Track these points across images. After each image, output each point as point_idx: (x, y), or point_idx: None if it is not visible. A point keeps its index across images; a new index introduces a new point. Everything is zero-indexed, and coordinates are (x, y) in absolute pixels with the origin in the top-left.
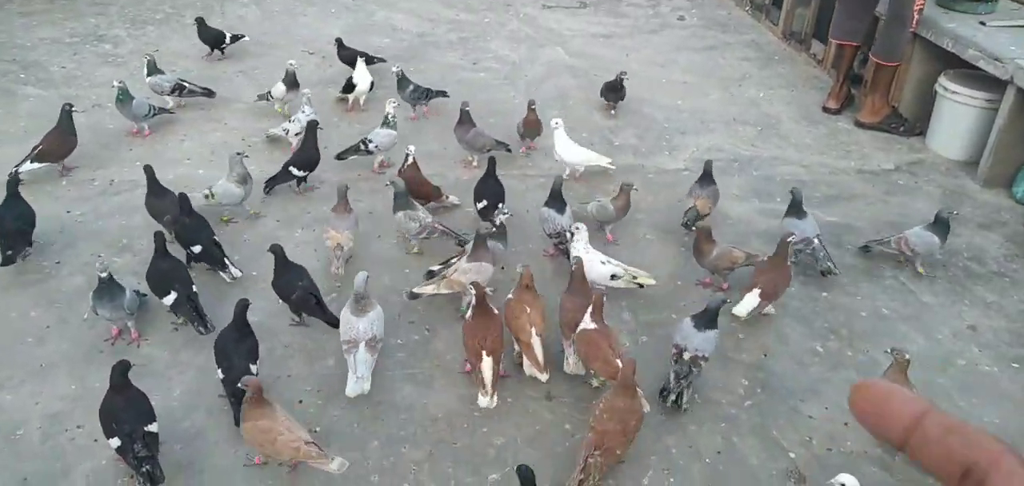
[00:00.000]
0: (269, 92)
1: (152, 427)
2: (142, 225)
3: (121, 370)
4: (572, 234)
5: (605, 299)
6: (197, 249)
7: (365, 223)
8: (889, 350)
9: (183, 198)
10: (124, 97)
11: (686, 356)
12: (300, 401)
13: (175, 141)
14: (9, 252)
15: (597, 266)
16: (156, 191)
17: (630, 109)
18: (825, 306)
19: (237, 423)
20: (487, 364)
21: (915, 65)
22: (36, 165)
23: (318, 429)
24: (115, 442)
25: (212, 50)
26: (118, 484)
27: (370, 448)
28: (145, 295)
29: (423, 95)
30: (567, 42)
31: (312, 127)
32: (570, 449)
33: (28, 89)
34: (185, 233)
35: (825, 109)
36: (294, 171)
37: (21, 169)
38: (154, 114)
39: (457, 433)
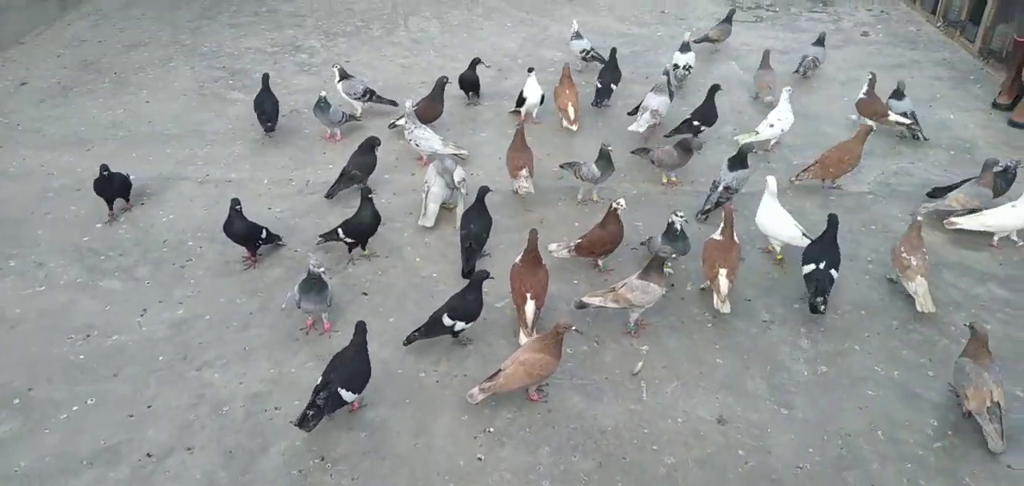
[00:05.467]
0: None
1: (346, 394)
2: (335, 223)
3: (361, 328)
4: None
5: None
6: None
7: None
8: (967, 323)
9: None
10: (324, 105)
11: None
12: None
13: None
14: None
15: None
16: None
17: (809, 128)
18: None
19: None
20: (530, 307)
21: None
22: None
23: (492, 429)
24: (319, 380)
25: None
26: (310, 464)
27: (541, 453)
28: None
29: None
30: (741, 56)
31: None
32: (743, 474)
33: (235, 94)
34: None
35: (995, 104)
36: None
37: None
38: (346, 121)
39: (627, 448)
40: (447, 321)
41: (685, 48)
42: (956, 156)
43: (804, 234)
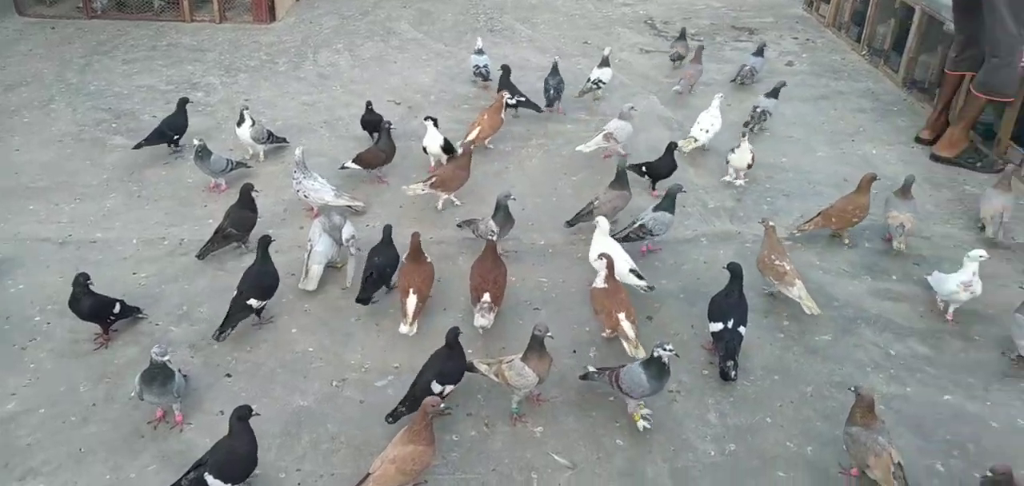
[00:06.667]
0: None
1: (214, 483)
2: (206, 291)
3: (239, 415)
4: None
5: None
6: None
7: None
8: (852, 388)
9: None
10: (203, 153)
11: None
12: None
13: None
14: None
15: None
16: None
17: (720, 161)
18: (948, 413)
19: None
20: (412, 300)
21: None
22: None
23: None
24: None
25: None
26: None
27: None
28: (187, 376)
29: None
30: (663, 90)
31: None
32: None
33: (117, 139)
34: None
35: (918, 139)
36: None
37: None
38: (232, 168)
39: None
40: (437, 387)
41: (604, 64)
42: (877, 195)
43: (632, 270)
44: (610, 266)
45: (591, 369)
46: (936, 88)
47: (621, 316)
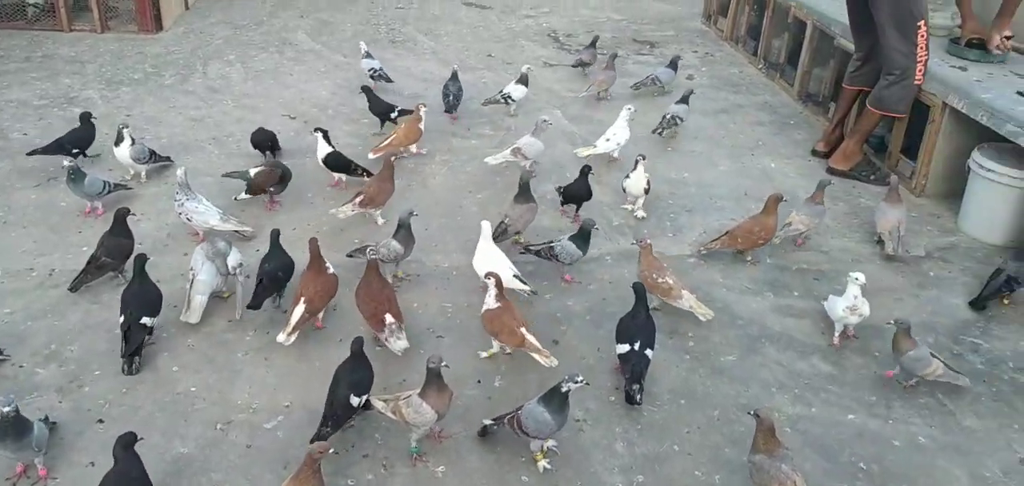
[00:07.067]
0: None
1: None
2: (77, 327)
3: (124, 443)
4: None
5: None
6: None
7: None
8: (751, 412)
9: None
10: (76, 175)
11: None
12: None
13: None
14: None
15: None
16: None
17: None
18: (851, 432)
19: None
20: (299, 309)
21: (945, 138)
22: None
23: None
24: None
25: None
26: None
27: None
28: (55, 424)
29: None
30: (566, 105)
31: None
32: None
33: None
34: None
35: (814, 152)
36: None
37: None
38: (109, 191)
39: None
40: (355, 400)
41: (521, 80)
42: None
43: (515, 276)
44: (499, 284)
45: (488, 422)
46: (830, 101)
47: (524, 329)
